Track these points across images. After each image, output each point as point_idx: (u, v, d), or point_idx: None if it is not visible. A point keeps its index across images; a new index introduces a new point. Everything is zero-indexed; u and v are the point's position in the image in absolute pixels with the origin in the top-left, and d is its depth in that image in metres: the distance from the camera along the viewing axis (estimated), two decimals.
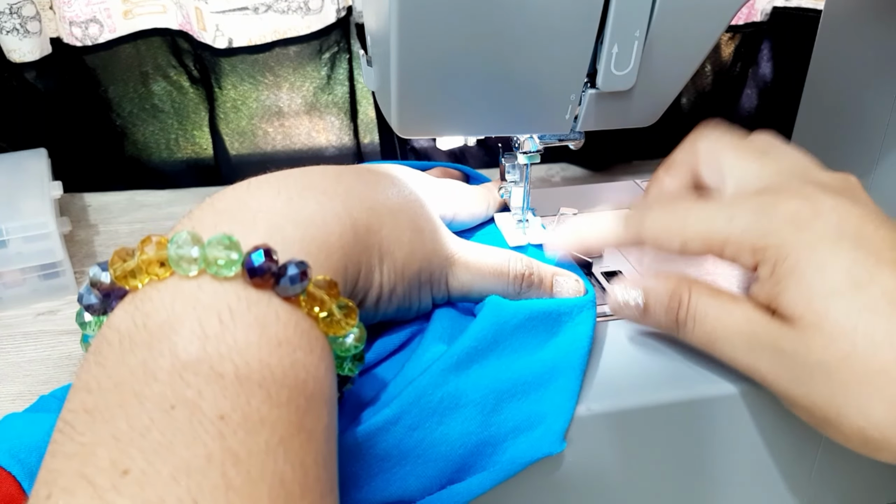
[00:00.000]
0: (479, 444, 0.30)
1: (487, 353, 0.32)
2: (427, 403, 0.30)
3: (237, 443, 0.20)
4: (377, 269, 0.30)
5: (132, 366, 0.21)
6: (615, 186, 0.54)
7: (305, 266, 0.24)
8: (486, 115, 0.32)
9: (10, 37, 0.61)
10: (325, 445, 0.23)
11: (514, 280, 0.35)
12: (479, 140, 0.70)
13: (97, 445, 0.19)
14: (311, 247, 0.26)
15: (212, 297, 0.22)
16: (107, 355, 0.22)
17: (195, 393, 0.20)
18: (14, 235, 0.51)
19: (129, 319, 0.22)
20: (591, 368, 0.34)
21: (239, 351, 0.21)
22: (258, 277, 0.23)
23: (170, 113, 0.69)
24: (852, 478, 0.38)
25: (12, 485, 0.28)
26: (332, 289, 0.25)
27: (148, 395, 0.20)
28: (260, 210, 0.26)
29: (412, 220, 0.33)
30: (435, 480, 0.29)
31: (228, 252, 0.23)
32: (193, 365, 0.21)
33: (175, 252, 0.23)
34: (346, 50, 0.68)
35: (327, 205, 0.28)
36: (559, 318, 0.34)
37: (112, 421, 0.20)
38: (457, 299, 0.35)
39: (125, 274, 0.23)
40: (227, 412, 0.20)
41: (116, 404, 0.20)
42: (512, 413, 0.31)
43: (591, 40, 0.30)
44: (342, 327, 0.25)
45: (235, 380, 0.21)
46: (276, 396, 0.21)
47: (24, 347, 0.48)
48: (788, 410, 0.31)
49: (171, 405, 0.20)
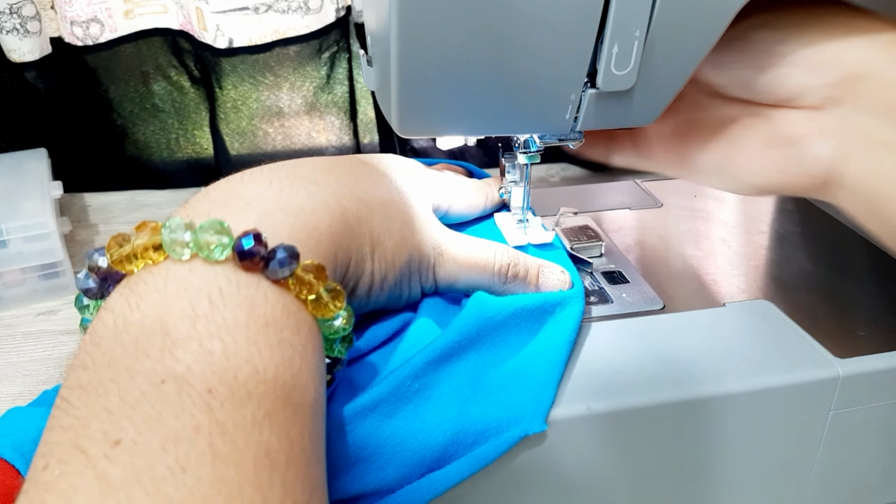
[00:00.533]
0: (458, 433, 0.30)
1: (468, 348, 0.32)
2: (403, 393, 0.30)
3: (224, 415, 0.20)
4: (368, 258, 0.31)
5: (125, 344, 0.22)
6: (615, 186, 0.54)
7: (294, 250, 0.25)
8: (486, 115, 0.32)
9: (10, 36, 0.61)
10: (311, 419, 0.23)
11: (499, 272, 0.35)
12: (479, 140, 0.70)
13: (91, 418, 0.20)
14: (300, 233, 0.27)
15: (203, 279, 0.23)
16: (102, 335, 0.22)
17: (184, 368, 0.21)
18: (14, 235, 0.51)
19: (123, 301, 0.23)
20: (591, 367, 0.34)
21: (227, 329, 0.22)
22: (248, 260, 0.24)
23: (170, 113, 0.69)
24: (852, 477, 0.38)
25: (16, 477, 0.28)
26: (319, 273, 0.26)
27: (139, 370, 0.21)
28: (252, 199, 0.27)
29: (401, 210, 0.33)
30: (414, 470, 0.30)
31: (220, 236, 0.24)
32: (183, 342, 0.21)
33: (168, 236, 0.24)
34: (345, 49, 0.68)
35: (317, 194, 0.29)
36: (544, 314, 0.34)
37: (105, 395, 0.20)
38: (444, 289, 0.36)
39: (121, 258, 0.24)
40: (214, 386, 0.21)
41: (109, 379, 0.21)
42: (492, 403, 0.31)
43: (590, 40, 0.30)
44: (330, 310, 0.26)
45: (223, 356, 0.22)
46: (263, 372, 0.22)
47: (23, 347, 0.48)
48: (789, 410, 0.31)
49: (161, 380, 0.21)
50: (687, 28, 0.30)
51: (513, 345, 0.33)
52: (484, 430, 0.31)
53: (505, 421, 0.31)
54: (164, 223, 0.24)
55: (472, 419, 0.31)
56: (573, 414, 0.32)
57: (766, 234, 0.47)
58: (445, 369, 0.31)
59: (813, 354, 0.35)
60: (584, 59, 0.31)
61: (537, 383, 0.32)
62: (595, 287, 0.40)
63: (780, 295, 0.40)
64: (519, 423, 0.31)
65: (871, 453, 0.38)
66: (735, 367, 0.34)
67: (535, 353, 0.33)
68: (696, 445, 0.34)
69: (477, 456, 0.30)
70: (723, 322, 0.37)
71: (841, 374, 0.34)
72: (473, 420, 0.31)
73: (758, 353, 0.35)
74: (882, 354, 0.36)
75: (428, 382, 0.31)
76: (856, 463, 0.37)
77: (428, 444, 0.30)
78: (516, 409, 0.31)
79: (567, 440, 0.32)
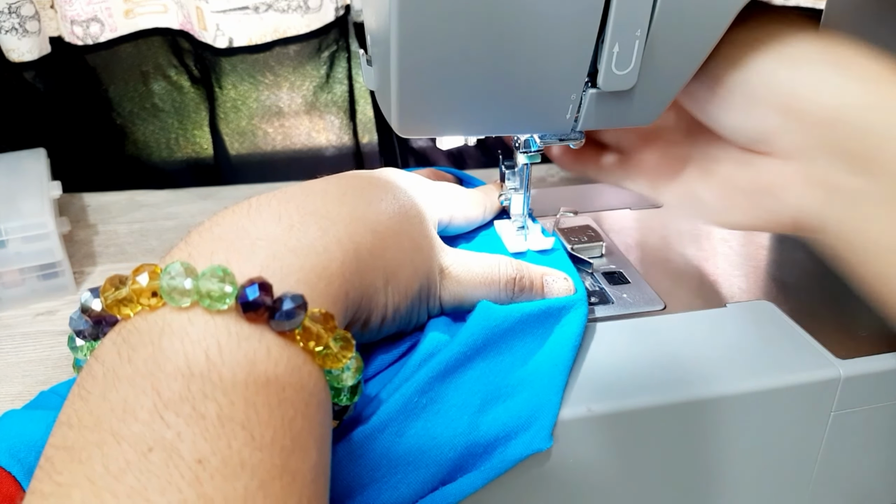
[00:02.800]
0: (469, 446, 0.30)
1: (474, 358, 0.32)
2: (412, 410, 0.30)
3: (213, 489, 0.19)
4: (382, 292, 0.30)
5: (113, 403, 0.20)
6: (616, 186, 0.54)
7: (301, 300, 0.23)
8: (486, 115, 0.32)
9: (10, 36, 0.61)
10: (310, 485, 0.22)
11: (505, 286, 0.35)
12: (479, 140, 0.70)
13: (72, 487, 0.19)
14: (310, 276, 0.25)
15: (202, 331, 0.22)
16: (90, 389, 0.21)
17: (174, 435, 0.20)
18: (13, 235, 0.51)
19: (115, 352, 0.22)
20: (592, 369, 0.34)
21: (224, 390, 0.21)
22: (252, 312, 0.22)
23: (170, 112, 0.69)
24: (853, 478, 0.38)
25: (11, 484, 0.27)
26: (328, 322, 0.24)
27: (126, 435, 0.20)
28: (259, 237, 0.26)
29: (413, 238, 0.32)
30: (427, 485, 0.29)
31: (222, 285, 0.22)
32: (175, 405, 0.20)
33: (167, 283, 0.22)
34: (344, 49, 0.68)
35: (330, 230, 0.28)
36: (549, 319, 0.34)
37: (88, 461, 0.19)
38: (450, 310, 0.35)
39: (116, 302, 0.23)
40: (205, 456, 0.20)
41: (94, 444, 0.20)
42: (500, 413, 0.31)
43: (591, 40, 0.30)
44: (338, 360, 0.25)
45: (217, 421, 0.20)
46: (260, 438, 0.21)
47: (23, 348, 0.48)
48: (790, 411, 0.31)
49: (148, 447, 0.19)
50: (688, 28, 0.30)
51: (518, 352, 0.33)
52: (493, 441, 0.30)
53: (513, 429, 0.31)
54: (164, 267, 0.23)
55: (481, 431, 0.30)
56: (574, 416, 0.32)
57: (767, 234, 0.47)
58: (452, 381, 0.31)
59: (814, 355, 0.35)
60: (585, 58, 0.30)
61: (544, 390, 0.32)
62: (596, 287, 0.40)
63: (782, 295, 0.40)
64: (527, 431, 0.31)
65: (872, 454, 0.37)
66: (736, 368, 0.34)
67: (540, 361, 0.33)
68: (697, 446, 0.34)
69: (488, 469, 0.30)
70: (724, 323, 0.37)
71: (842, 375, 0.34)
72: (482, 432, 0.30)
73: (759, 353, 0.35)
74: (883, 355, 0.35)
75: (435, 396, 0.31)
76: (857, 464, 0.37)
77: (440, 460, 0.30)
78: (524, 418, 0.31)
79: (567, 442, 0.32)
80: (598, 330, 0.36)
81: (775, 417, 0.34)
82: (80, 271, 0.57)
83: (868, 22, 0.48)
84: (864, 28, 0.48)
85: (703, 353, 0.35)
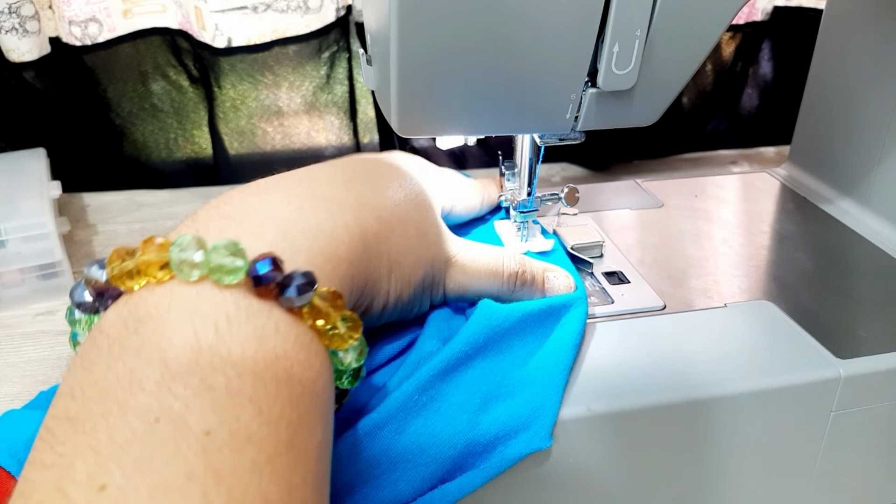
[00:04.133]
0: (469, 444, 0.30)
1: (475, 357, 0.32)
2: (412, 407, 0.30)
3: (221, 460, 0.19)
4: (385, 279, 0.30)
5: (119, 373, 0.20)
6: (616, 186, 0.54)
7: (311, 277, 0.23)
8: (486, 115, 0.32)
9: (9, 36, 0.61)
10: (315, 463, 0.22)
11: (508, 279, 0.35)
12: (479, 140, 0.69)
13: (76, 457, 0.19)
14: (318, 257, 0.25)
15: (210, 305, 0.22)
16: (94, 360, 0.21)
17: (182, 406, 0.19)
18: (13, 235, 0.51)
19: (120, 323, 0.22)
20: (592, 368, 0.34)
21: (233, 363, 0.21)
22: (262, 287, 0.22)
23: (169, 112, 0.69)
24: (854, 478, 0.38)
25: (12, 484, 0.27)
26: (336, 301, 0.24)
27: (132, 405, 0.19)
28: (268, 217, 0.26)
29: (418, 225, 0.32)
30: (427, 483, 0.29)
31: (233, 259, 0.22)
32: (183, 376, 0.20)
33: (178, 255, 0.22)
34: (345, 49, 0.68)
35: (337, 214, 0.28)
36: (549, 319, 0.34)
37: (93, 432, 0.19)
38: (453, 300, 0.36)
39: (122, 274, 0.22)
40: (213, 428, 0.19)
41: (99, 414, 0.19)
42: (500, 412, 0.31)
43: (591, 39, 0.30)
44: (344, 341, 0.25)
45: (226, 394, 0.20)
46: (268, 413, 0.21)
47: (22, 348, 0.48)
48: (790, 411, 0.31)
49: (155, 418, 0.19)
50: (688, 28, 0.30)
51: (519, 351, 0.33)
52: (493, 440, 0.30)
53: (513, 428, 0.31)
54: (174, 241, 0.22)
55: (480, 430, 0.30)
56: (574, 415, 0.32)
57: (768, 234, 0.47)
58: (453, 380, 0.31)
59: (814, 355, 0.35)
60: (585, 58, 0.30)
61: (544, 389, 0.32)
62: (596, 287, 0.40)
63: (782, 295, 0.40)
64: (527, 430, 0.31)
65: (872, 454, 0.37)
66: (736, 368, 0.34)
67: (541, 359, 0.33)
68: (696, 446, 0.34)
69: (487, 468, 0.30)
70: (724, 322, 0.37)
71: (842, 375, 0.34)
72: (482, 430, 0.30)
73: (759, 353, 0.35)
74: (884, 355, 0.35)
75: (435, 395, 0.31)
76: (857, 463, 0.37)
77: (439, 458, 0.30)
78: (524, 417, 0.31)
79: (567, 441, 0.32)
80: (598, 330, 0.36)
81: (775, 417, 0.34)
82: (80, 271, 0.57)
83: (868, 21, 0.48)
84: (864, 28, 0.48)
85: (703, 353, 0.35)
